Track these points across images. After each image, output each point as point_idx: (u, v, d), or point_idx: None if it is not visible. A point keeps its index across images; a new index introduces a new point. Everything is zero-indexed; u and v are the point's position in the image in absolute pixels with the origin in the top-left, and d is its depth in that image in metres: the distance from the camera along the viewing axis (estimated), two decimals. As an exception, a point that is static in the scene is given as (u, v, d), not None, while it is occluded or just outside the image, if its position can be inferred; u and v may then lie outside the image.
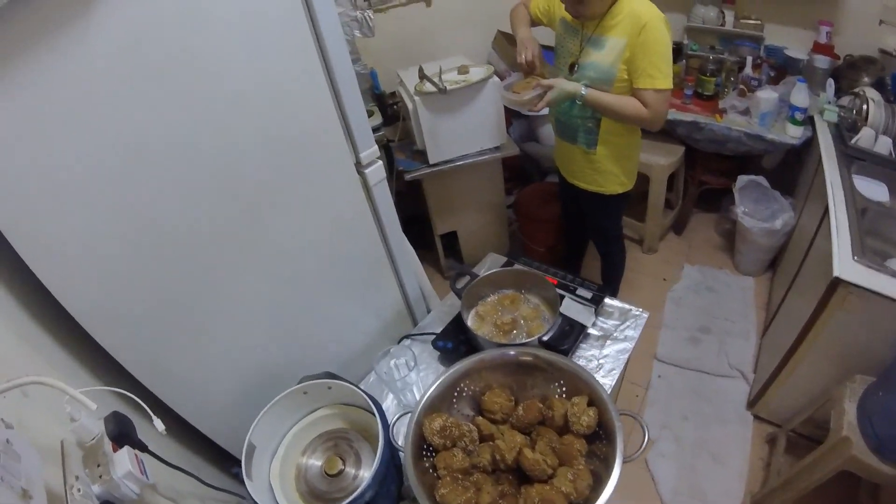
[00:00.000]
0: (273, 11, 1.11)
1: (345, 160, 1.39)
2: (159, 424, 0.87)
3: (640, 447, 1.09)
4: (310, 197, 1.35)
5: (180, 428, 1.31)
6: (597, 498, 0.99)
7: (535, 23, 2.10)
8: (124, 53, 0.90)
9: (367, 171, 1.44)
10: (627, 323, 1.58)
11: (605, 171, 2.06)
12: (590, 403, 1.15)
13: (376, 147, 1.46)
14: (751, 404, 2.40)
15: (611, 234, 2.43)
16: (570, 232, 2.71)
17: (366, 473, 1.13)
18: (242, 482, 1.12)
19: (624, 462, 1.02)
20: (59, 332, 1.06)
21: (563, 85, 1.84)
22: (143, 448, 0.89)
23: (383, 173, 1.50)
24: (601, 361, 1.48)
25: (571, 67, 1.92)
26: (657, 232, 3.26)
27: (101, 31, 0.86)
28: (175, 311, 1.16)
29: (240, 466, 1.14)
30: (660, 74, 1.75)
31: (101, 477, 0.80)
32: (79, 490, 0.74)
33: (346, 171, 1.41)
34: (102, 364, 1.11)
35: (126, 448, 0.84)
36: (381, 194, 1.53)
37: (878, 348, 1.72)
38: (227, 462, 1.39)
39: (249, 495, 1.09)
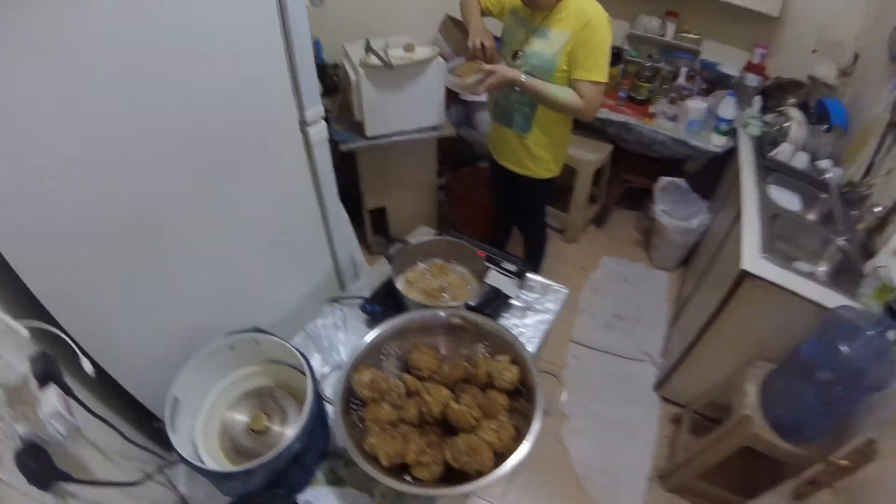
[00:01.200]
0: None
1: (290, 115, 1.39)
2: (87, 366, 0.84)
3: (559, 402, 1.17)
4: (252, 151, 1.34)
5: (100, 387, 1.26)
6: (517, 447, 1.06)
7: (484, 13, 2.16)
8: None
9: (310, 129, 1.45)
10: (549, 297, 1.67)
11: (536, 156, 2.15)
12: (513, 362, 1.22)
13: (322, 107, 1.46)
14: (658, 386, 2.56)
15: (535, 219, 2.53)
16: (496, 216, 2.79)
17: (292, 431, 1.11)
18: (165, 437, 1.08)
19: (544, 415, 1.09)
20: None
21: (505, 71, 1.90)
22: (68, 391, 0.87)
23: (326, 133, 1.51)
24: (522, 330, 1.55)
25: (515, 55, 1.99)
26: (580, 223, 3.40)
27: None
28: (108, 260, 1.13)
29: (162, 421, 1.11)
30: (597, 68, 1.84)
31: (26, 417, 0.77)
32: (2, 431, 0.72)
33: (290, 127, 1.41)
34: (24, 307, 1.05)
35: (53, 386, 0.82)
36: (321, 155, 1.54)
37: (780, 338, 1.87)
38: (147, 423, 1.36)
39: (174, 448, 1.06)
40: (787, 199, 2.41)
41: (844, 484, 1.39)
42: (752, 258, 1.89)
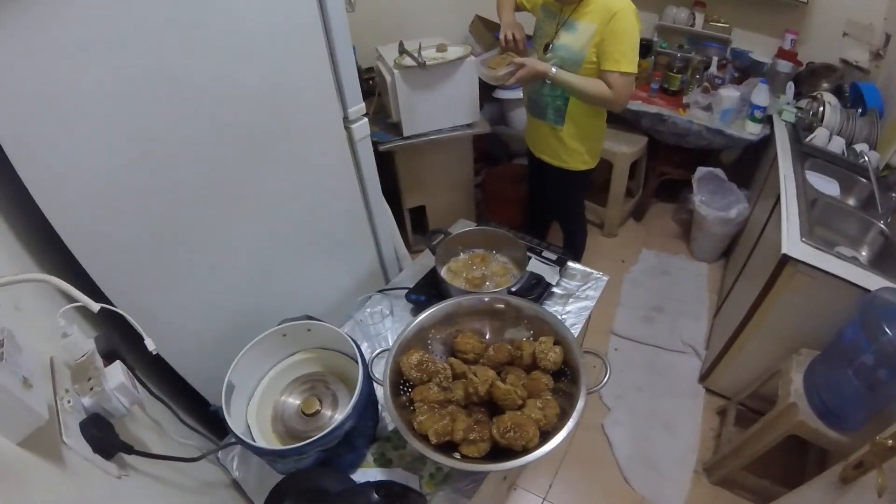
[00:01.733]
0: None
1: (334, 113, 1.44)
2: (150, 343, 0.88)
3: (602, 382, 1.19)
4: (298, 147, 1.40)
5: (155, 373, 1.32)
6: (563, 426, 1.08)
7: (518, 8, 2.20)
8: None
9: (353, 126, 1.50)
10: (589, 284, 1.69)
11: (570, 148, 2.18)
12: (556, 343, 1.24)
13: (363, 104, 1.52)
14: (702, 378, 2.55)
15: (572, 211, 2.55)
16: (535, 210, 2.81)
17: (342, 415, 1.14)
18: (219, 422, 1.14)
19: (588, 393, 1.11)
20: (44, 256, 1.07)
21: (535, 64, 1.93)
22: (131, 370, 0.92)
23: (368, 129, 1.56)
24: (564, 316, 1.58)
25: (546, 48, 2.02)
26: (617, 217, 3.40)
27: None
28: (161, 247, 1.19)
29: (217, 405, 1.16)
30: (625, 59, 1.86)
31: (91, 389, 0.81)
32: (69, 402, 0.76)
33: (334, 125, 1.46)
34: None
35: (118, 362, 0.87)
36: (364, 150, 1.59)
37: (823, 324, 1.85)
38: (199, 410, 1.40)
39: (230, 429, 1.11)
40: (826, 185, 2.38)
41: (892, 464, 1.36)
42: (793, 243, 1.88)
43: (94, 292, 1.10)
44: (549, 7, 2.04)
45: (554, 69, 1.93)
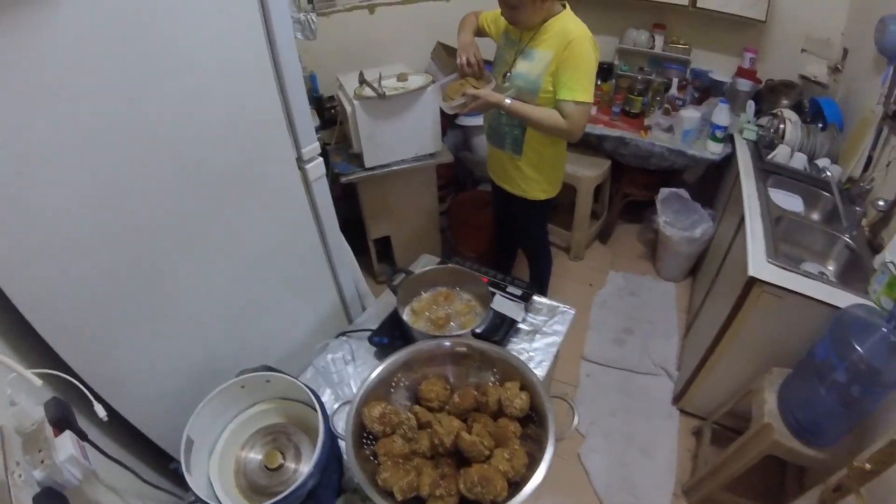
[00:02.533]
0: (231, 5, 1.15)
1: (287, 154, 1.42)
2: (100, 410, 0.86)
3: (571, 426, 1.16)
4: (253, 189, 1.37)
5: (115, 428, 1.28)
6: (532, 475, 1.05)
7: (481, 33, 2.20)
8: (94, 30, 0.94)
9: (307, 166, 1.48)
10: (555, 318, 1.67)
11: (529, 177, 2.18)
12: (522, 388, 1.21)
13: (318, 144, 1.50)
14: (676, 399, 2.55)
15: (536, 238, 2.54)
16: (501, 237, 2.80)
17: (306, 467, 1.12)
18: (181, 477, 1.09)
19: (556, 441, 1.08)
20: None
21: (488, 95, 1.93)
22: (83, 436, 0.88)
23: (323, 169, 1.54)
24: (531, 354, 1.55)
25: (505, 76, 2.02)
26: (583, 240, 3.41)
27: (68, 6, 0.89)
28: (117, 299, 1.16)
29: (178, 462, 1.11)
30: (580, 88, 1.85)
31: (42, 462, 0.78)
32: (20, 475, 0.73)
33: (288, 166, 1.44)
34: (37, 352, 1.08)
35: (68, 433, 0.83)
36: (320, 190, 1.56)
37: (793, 342, 1.87)
38: (162, 462, 1.36)
39: (190, 489, 1.06)
40: (789, 201, 2.42)
41: (870, 487, 1.36)
42: (759, 264, 1.89)
43: (45, 348, 1.06)
44: (509, 34, 2.04)
45: (508, 100, 1.92)
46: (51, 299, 1.04)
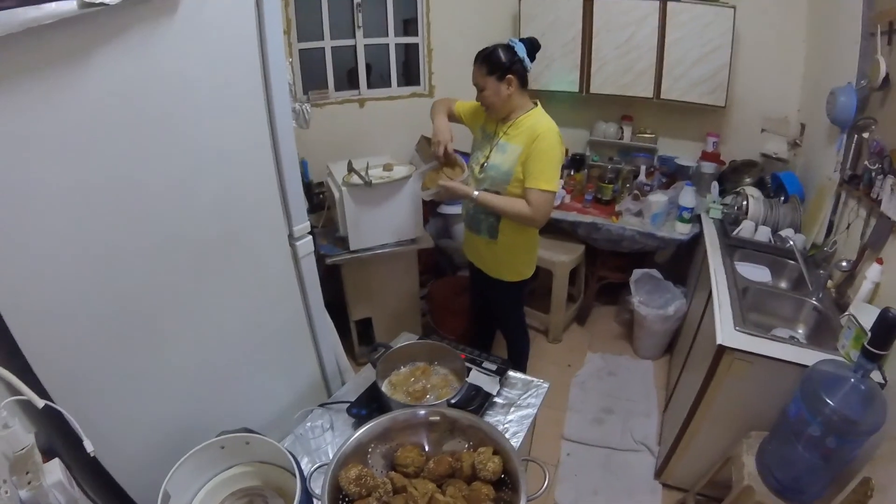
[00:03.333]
0: (239, 87, 1.30)
1: (279, 230, 1.52)
2: (89, 445, 0.90)
3: (542, 488, 1.20)
4: (244, 260, 1.46)
5: (92, 479, 1.28)
6: (502, 536, 1.08)
7: (453, 118, 2.37)
8: (109, 102, 1.06)
9: (298, 243, 1.57)
10: (530, 392, 1.72)
11: (504, 261, 2.31)
12: (495, 453, 1.26)
13: (308, 223, 1.60)
14: (658, 474, 2.54)
15: (512, 321, 2.62)
16: (479, 319, 2.88)
17: None
18: None
19: (528, 501, 1.12)
20: None
21: (456, 188, 2.11)
22: (68, 468, 0.91)
23: (312, 247, 1.63)
24: (506, 426, 1.59)
25: (482, 166, 2.19)
26: (561, 323, 3.50)
27: (93, 82, 1.01)
28: (105, 351, 1.21)
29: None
30: (544, 177, 2.03)
31: (29, 483, 0.81)
32: (6, 492, 0.77)
33: (280, 241, 1.54)
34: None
35: (57, 459, 0.87)
36: (308, 266, 1.65)
37: (768, 405, 1.91)
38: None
39: None
40: (756, 273, 2.55)
41: None
42: (727, 332, 1.97)
43: (37, 390, 1.08)
44: (486, 129, 2.23)
45: (475, 192, 2.09)
46: (50, 344, 1.10)
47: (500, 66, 2.02)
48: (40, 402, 0.80)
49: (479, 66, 2.06)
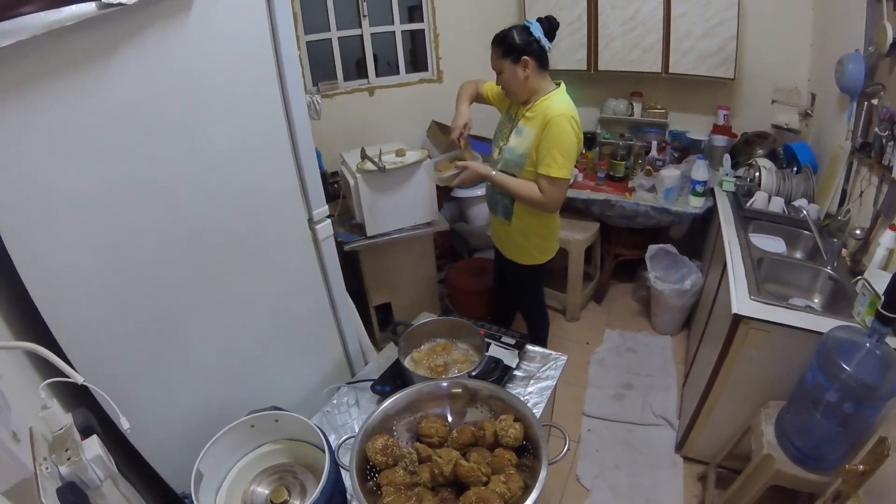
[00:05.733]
0: (254, 84, 1.35)
1: (299, 215, 1.57)
2: (125, 422, 0.93)
3: (562, 452, 1.24)
4: (267, 248, 1.51)
5: (122, 462, 1.32)
6: (527, 498, 1.12)
7: (481, 99, 2.38)
8: (129, 106, 1.10)
9: (317, 226, 1.62)
10: (548, 365, 1.76)
11: (518, 244, 2.32)
12: (516, 420, 1.30)
13: (326, 206, 1.64)
14: (679, 447, 2.56)
15: (529, 300, 2.63)
16: (500, 300, 2.90)
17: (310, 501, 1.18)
18: None
19: (550, 464, 1.16)
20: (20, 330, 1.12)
21: (476, 167, 2.11)
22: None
23: (331, 230, 1.67)
24: (526, 398, 1.64)
25: (500, 150, 2.20)
26: (578, 301, 3.51)
27: (114, 82, 1.06)
28: (136, 338, 1.27)
29: (186, 496, 1.17)
30: (555, 164, 1.98)
31: (69, 459, 0.85)
32: (47, 468, 0.80)
33: (300, 226, 1.58)
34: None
35: (95, 437, 0.91)
36: (328, 249, 1.69)
37: (785, 374, 1.92)
38: (165, 500, 1.41)
39: None
40: (772, 244, 2.54)
41: (867, 488, 1.38)
42: (742, 302, 1.97)
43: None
44: (510, 111, 2.22)
45: (494, 172, 2.10)
46: (84, 331, 1.16)
47: (515, 47, 1.98)
48: (80, 378, 0.84)
49: (495, 49, 2.03)
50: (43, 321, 1.08)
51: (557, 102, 2.02)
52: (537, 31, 1.99)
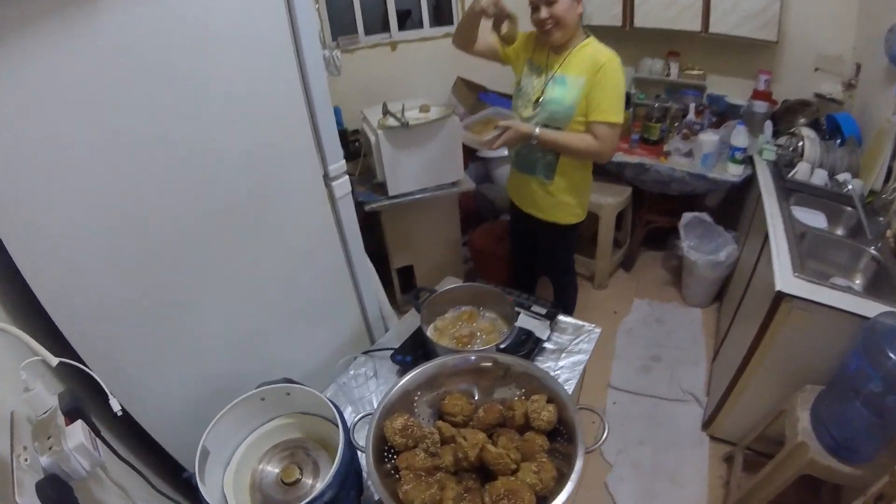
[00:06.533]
0: (265, 33, 1.22)
1: (314, 170, 1.45)
2: (115, 403, 0.86)
3: (601, 439, 1.12)
4: (280, 207, 1.39)
5: (125, 435, 1.27)
6: (562, 489, 1.01)
7: (487, 49, 2.17)
8: (125, 51, 0.98)
9: (334, 183, 1.50)
10: (581, 337, 1.64)
11: (561, 202, 2.17)
12: (549, 401, 1.18)
13: (343, 162, 1.51)
14: (706, 425, 2.47)
15: (563, 265, 2.51)
16: (520, 266, 2.78)
17: (322, 485, 1.09)
18: (194, 488, 1.07)
19: (586, 452, 1.04)
20: (11, 301, 1.05)
21: (519, 126, 1.94)
22: (95, 431, 0.87)
23: (349, 187, 1.55)
24: (557, 372, 1.52)
25: (536, 103, 2.03)
26: (607, 269, 3.39)
27: (106, 24, 0.94)
28: (138, 306, 1.17)
29: (190, 472, 1.09)
30: (612, 110, 1.89)
31: (50, 448, 0.77)
32: (25, 460, 0.73)
33: (315, 182, 1.46)
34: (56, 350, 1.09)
35: (80, 422, 0.82)
36: (346, 208, 1.58)
37: (825, 357, 1.82)
38: (173, 473, 1.35)
39: (204, 500, 1.04)
40: (812, 218, 2.40)
41: None
42: (786, 278, 1.86)
43: (64, 345, 1.07)
44: (534, 62, 2.05)
45: (537, 129, 1.94)
46: (78, 303, 1.07)
47: None
48: (53, 360, 0.75)
49: None
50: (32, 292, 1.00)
51: (602, 48, 1.93)
52: None
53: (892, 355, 1.44)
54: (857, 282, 2.17)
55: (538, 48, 2.04)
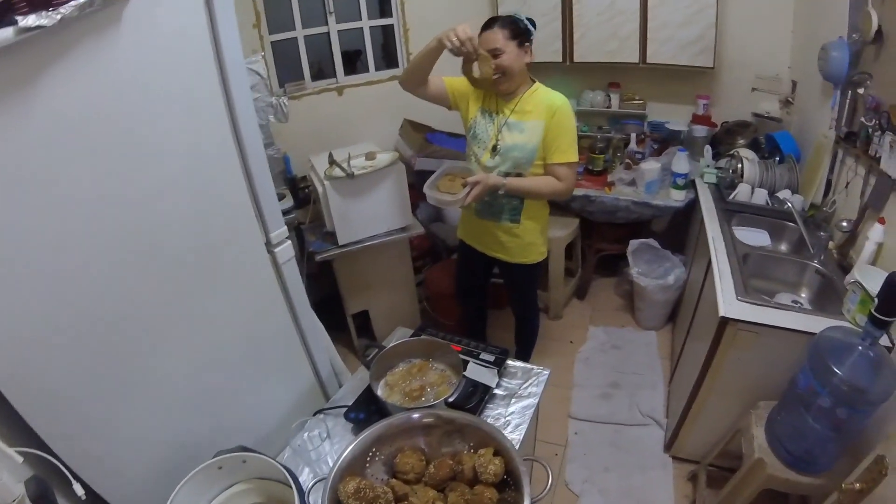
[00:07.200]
0: (197, 93, 1.24)
1: (255, 239, 1.47)
2: (78, 489, 0.88)
3: (546, 488, 1.17)
4: (224, 275, 1.41)
5: None
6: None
7: (438, 91, 2.18)
8: (66, 125, 1.01)
9: (276, 250, 1.52)
10: (530, 381, 1.68)
11: (528, 242, 2.26)
12: (496, 454, 1.22)
13: (285, 227, 1.55)
14: (667, 447, 2.51)
15: (529, 300, 2.60)
16: (467, 311, 2.81)
17: None
18: None
19: (533, 502, 1.09)
20: None
21: (487, 179, 1.98)
22: None
23: (292, 252, 1.58)
24: (508, 418, 1.56)
25: (494, 149, 2.10)
26: (561, 299, 3.45)
27: (43, 105, 0.96)
28: (92, 384, 1.18)
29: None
30: (571, 150, 2.03)
31: None
32: None
33: (257, 250, 1.48)
34: (16, 432, 1.08)
35: None
36: (290, 273, 1.60)
37: (776, 374, 1.87)
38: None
39: None
40: (756, 237, 2.49)
41: None
42: (729, 303, 1.92)
43: (28, 431, 1.07)
44: (486, 109, 2.13)
45: (505, 180, 2.01)
46: (31, 382, 1.06)
47: (523, 31, 1.97)
48: (19, 458, 0.77)
49: (501, 28, 1.94)
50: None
51: (552, 92, 2.05)
52: (530, 25, 1.99)
53: (836, 371, 1.50)
54: (804, 296, 2.26)
55: (487, 94, 2.12)
